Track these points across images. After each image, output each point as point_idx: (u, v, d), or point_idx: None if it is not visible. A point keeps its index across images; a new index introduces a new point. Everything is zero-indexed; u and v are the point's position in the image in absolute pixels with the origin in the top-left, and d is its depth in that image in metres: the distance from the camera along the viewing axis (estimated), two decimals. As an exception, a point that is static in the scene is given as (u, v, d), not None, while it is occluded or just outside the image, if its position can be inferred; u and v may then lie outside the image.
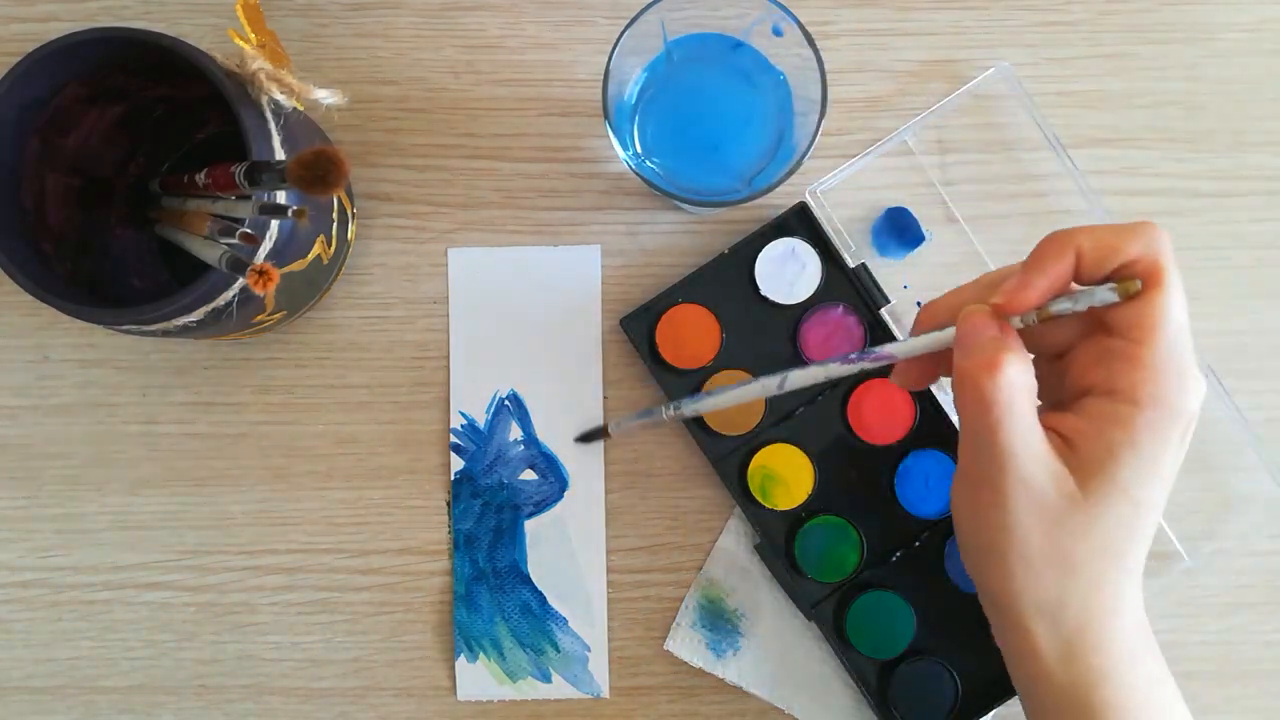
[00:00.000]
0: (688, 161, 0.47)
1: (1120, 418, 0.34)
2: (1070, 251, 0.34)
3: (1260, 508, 0.49)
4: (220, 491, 0.50)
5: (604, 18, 0.51)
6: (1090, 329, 0.36)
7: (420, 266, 0.51)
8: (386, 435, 0.50)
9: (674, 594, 0.50)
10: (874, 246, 0.50)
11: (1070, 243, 0.34)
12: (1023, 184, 0.50)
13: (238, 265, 0.36)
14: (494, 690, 0.50)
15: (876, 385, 0.49)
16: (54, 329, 0.51)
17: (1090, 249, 0.34)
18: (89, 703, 0.50)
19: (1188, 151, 0.50)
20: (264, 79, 0.38)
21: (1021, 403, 0.34)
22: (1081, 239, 0.34)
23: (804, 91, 0.45)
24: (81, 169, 0.45)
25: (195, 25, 0.50)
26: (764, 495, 0.48)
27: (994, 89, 0.50)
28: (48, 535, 0.50)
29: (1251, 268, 0.50)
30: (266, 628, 0.50)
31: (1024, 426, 0.34)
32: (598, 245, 0.50)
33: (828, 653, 0.49)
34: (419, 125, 0.51)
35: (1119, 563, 0.35)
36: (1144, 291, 0.34)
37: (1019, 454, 0.34)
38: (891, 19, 0.51)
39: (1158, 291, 0.33)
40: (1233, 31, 0.51)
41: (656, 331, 0.49)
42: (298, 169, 0.35)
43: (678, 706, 0.50)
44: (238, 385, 0.50)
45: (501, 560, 0.50)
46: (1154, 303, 0.33)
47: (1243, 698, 0.50)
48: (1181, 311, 0.34)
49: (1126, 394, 0.34)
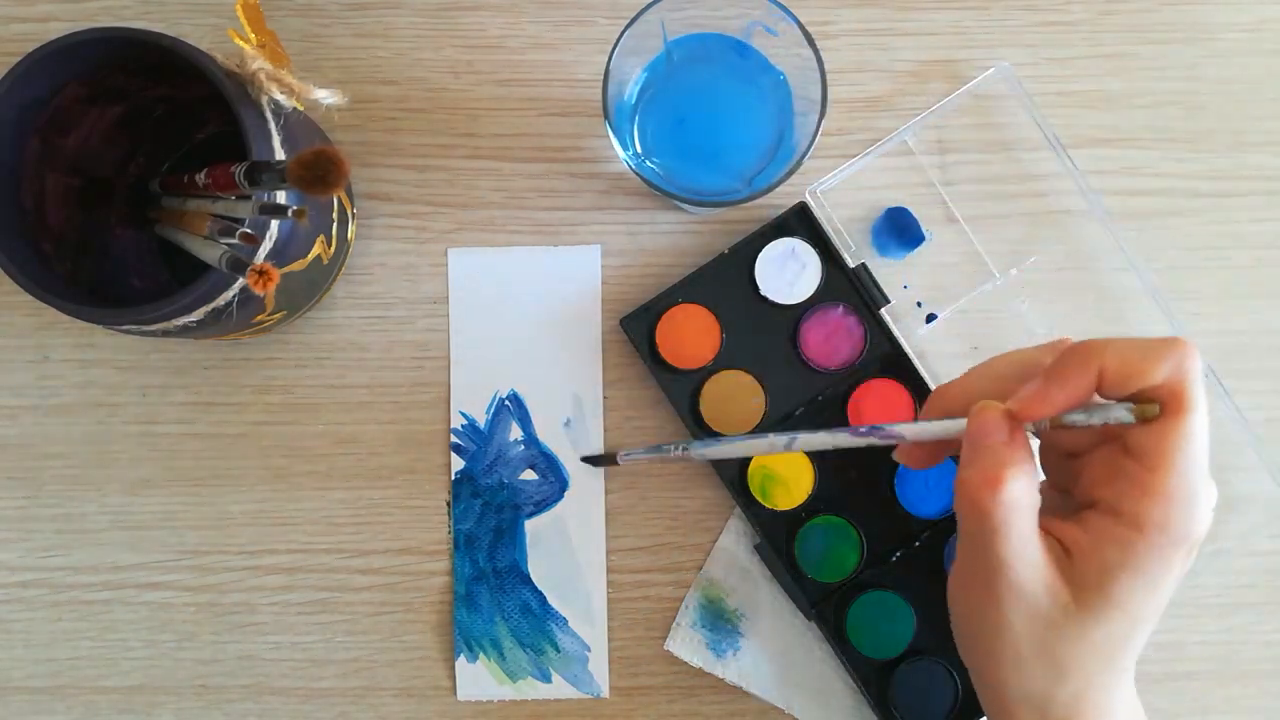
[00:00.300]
0: (688, 161, 0.47)
1: (1122, 540, 0.33)
2: (1094, 367, 0.33)
3: (1260, 508, 0.49)
4: (220, 491, 0.50)
5: (604, 18, 0.51)
6: (1105, 438, 0.35)
7: (420, 266, 0.51)
8: (386, 435, 0.50)
9: (674, 594, 0.50)
10: (874, 246, 0.50)
11: (1095, 358, 0.33)
12: (1023, 184, 0.50)
13: (238, 265, 0.36)
14: (494, 690, 0.50)
15: (876, 385, 0.49)
16: (54, 329, 0.51)
17: (1115, 367, 0.33)
18: (89, 703, 0.50)
19: (1188, 151, 0.50)
20: (264, 79, 0.38)
21: (1019, 519, 0.34)
22: (1108, 356, 0.33)
23: (804, 91, 0.45)
24: (81, 169, 0.45)
25: (195, 25, 0.50)
26: (764, 495, 0.48)
27: (994, 89, 0.50)
28: (48, 535, 0.50)
29: (1251, 268, 0.50)
30: (266, 628, 0.50)
31: (1020, 539, 0.34)
32: (598, 245, 0.50)
33: (828, 653, 0.49)
34: (419, 125, 0.51)
35: (1111, 665, 0.35)
36: (1163, 416, 0.33)
37: (1014, 564, 0.34)
38: (891, 19, 0.51)
39: (1178, 419, 0.33)
40: (1233, 31, 0.51)
41: (656, 331, 0.49)
42: (298, 169, 0.35)
43: (678, 706, 0.50)
44: (238, 385, 0.50)
45: (501, 560, 0.50)
46: (1172, 431, 0.33)
47: (1243, 698, 0.50)
48: (1202, 437, 0.33)
49: (1131, 518, 0.33)
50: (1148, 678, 0.49)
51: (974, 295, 0.50)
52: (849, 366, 0.49)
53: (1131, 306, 0.50)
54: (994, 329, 0.50)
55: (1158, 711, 0.50)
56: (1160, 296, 0.49)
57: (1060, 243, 0.50)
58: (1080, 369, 0.33)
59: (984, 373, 0.37)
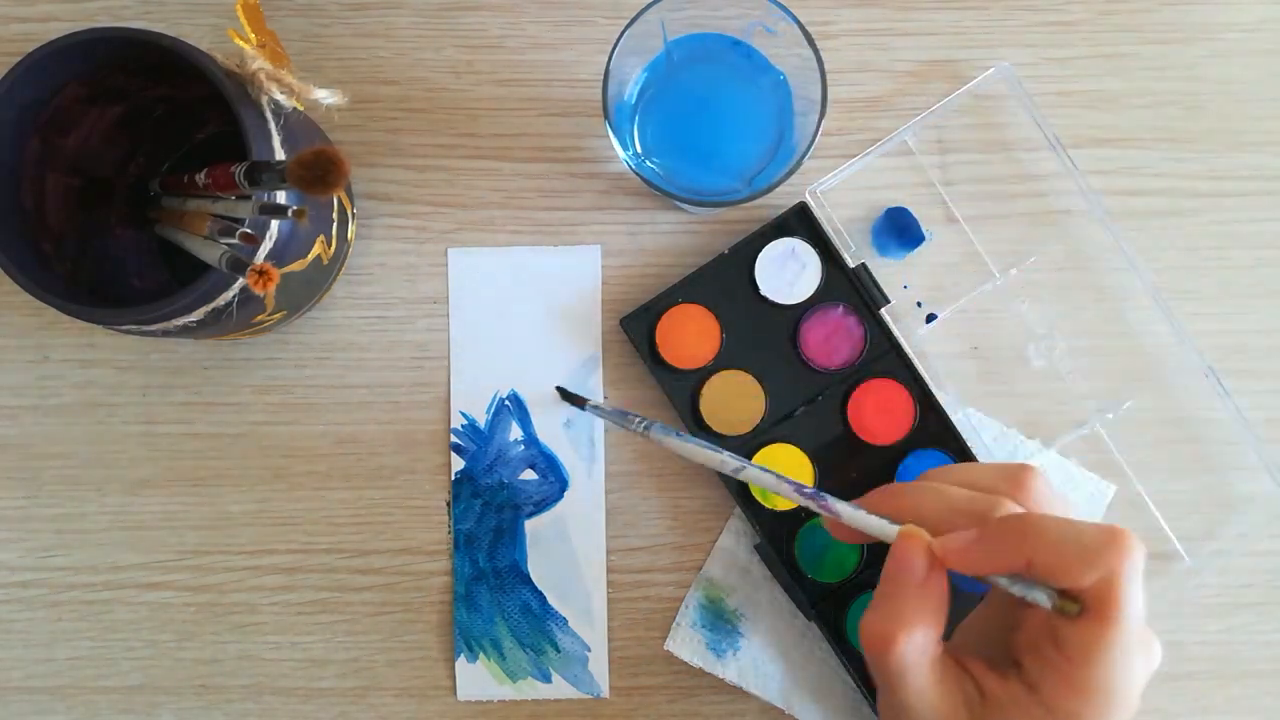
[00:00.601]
0: (688, 161, 0.47)
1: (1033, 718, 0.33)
2: (1024, 553, 0.33)
3: (1260, 508, 0.49)
4: (220, 491, 0.50)
5: (604, 18, 0.51)
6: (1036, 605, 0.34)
7: (420, 266, 0.51)
8: (386, 435, 0.50)
9: (674, 594, 0.50)
10: (874, 246, 0.50)
11: (1026, 543, 0.33)
12: (1023, 184, 0.50)
13: (238, 265, 0.36)
14: (494, 690, 0.50)
15: (876, 385, 0.49)
16: (54, 329, 0.51)
17: (1045, 561, 0.32)
18: (89, 703, 0.50)
19: (1188, 151, 0.50)
20: (264, 79, 0.38)
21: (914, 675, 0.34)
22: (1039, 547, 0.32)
23: (804, 91, 0.45)
24: (81, 169, 0.45)
25: (195, 25, 0.50)
26: (764, 495, 0.48)
27: (994, 89, 0.50)
28: (48, 535, 0.50)
29: (1251, 268, 0.50)
30: (266, 628, 0.50)
31: (917, 692, 0.34)
32: (598, 245, 0.50)
33: (828, 653, 0.49)
34: (419, 125, 0.51)
35: None
36: (1089, 618, 0.32)
37: (915, 706, 0.34)
38: (891, 19, 0.51)
39: (1106, 620, 0.32)
40: (1233, 31, 0.51)
41: (656, 331, 0.49)
42: (298, 169, 0.35)
43: (678, 706, 0.50)
44: (238, 385, 0.50)
45: (501, 560, 0.50)
46: (1099, 631, 0.32)
47: (1243, 698, 0.50)
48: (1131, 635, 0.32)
49: (1046, 700, 0.33)
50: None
51: (974, 295, 0.50)
52: (849, 366, 0.49)
53: (1131, 306, 0.50)
54: (994, 329, 0.50)
55: (1158, 711, 0.50)
56: (1160, 296, 0.49)
57: (1060, 243, 0.50)
58: (1012, 548, 0.33)
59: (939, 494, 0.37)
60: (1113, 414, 0.49)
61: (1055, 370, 0.50)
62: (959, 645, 0.37)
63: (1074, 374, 0.50)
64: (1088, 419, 0.49)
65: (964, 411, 0.49)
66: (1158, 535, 0.49)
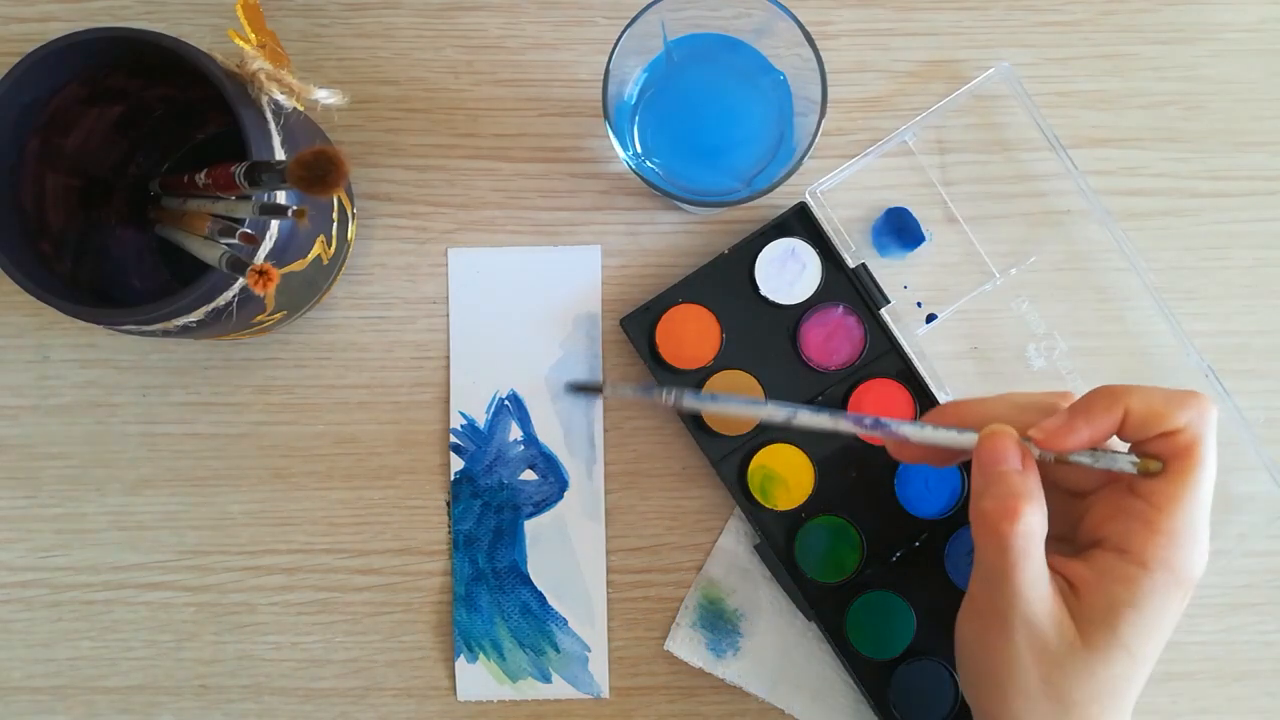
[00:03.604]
0: (688, 161, 0.47)
1: (1128, 578, 0.35)
2: (1120, 408, 0.35)
3: (1260, 508, 0.49)
4: (220, 491, 0.50)
5: (604, 18, 0.51)
6: (1111, 478, 0.37)
7: (420, 266, 0.51)
8: (386, 435, 0.50)
9: (674, 594, 0.50)
10: (874, 246, 0.50)
11: (1121, 400, 0.35)
12: (1023, 184, 0.50)
13: (238, 265, 0.36)
14: (494, 690, 0.50)
15: (876, 385, 0.49)
16: (54, 329, 0.51)
17: (1138, 410, 0.35)
18: (89, 703, 0.50)
19: (1188, 151, 0.50)
20: (264, 79, 0.38)
21: (1035, 549, 0.35)
22: (1132, 399, 0.35)
23: (804, 91, 0.45)
24: (81, 169, 0.45)
25: (195, 25, 0.50)
26: (764, 495, 0.48)
27: (994, 89, 0.50)
28: (48, 535, 0.50)
29: (1251, 268, 0.50)
30: (266, 628, 0.50)
31: (1035, 572, 0.35)
32: (598, 245, 0.50)
33: (828, 653, 0.49)
34: (419, 125, 0.51)
35: (1114, 704, 0.36)
36: (1176, 466, 0.35)
37: (1027, 595, 0.35)
38: (891, 19, 0.51)
39: (1189, 468, 0.34)
40: (1233, 31, 0.51)
41: (656, 331, 0.49)
42: (298, 169, 0.35)
43: (678, 706, 0.50)
44: (238, 385, 0.50)
45: (501, 560, 0.50)
46: (1184, 479, 0.34)
47: (1243, 698, 0.50)
48: (1209, 487, 0.35)
49: (1137, 556, 0.35)
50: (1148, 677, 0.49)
51: (974, 295, 0.50)
52: (849, 366, 0.49)
53: (1131, 306, 0.50)
54: (994, 329, 0.50)
55: (1158, 711, 0.50)
56: (1160, 296, 0.49)
57: (1060, 243, 0.50)
58: (1107, 408, 0.35)
59: (1001, 398, 0.38)
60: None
61: (1055, 370, 0.50)
62: None
63: (1074, 374, 0.50)
64: (1088, 419, 0.49)
65: (964, 411, 0.49)
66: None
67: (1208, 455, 0.35)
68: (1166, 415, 0.34)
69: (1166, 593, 0.35)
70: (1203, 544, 0.35)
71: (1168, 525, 0.34)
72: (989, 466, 0.36)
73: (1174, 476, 0.35)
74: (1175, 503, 0.34)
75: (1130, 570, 0.35)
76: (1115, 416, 0.35)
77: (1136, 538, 0.35)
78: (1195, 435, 0.34)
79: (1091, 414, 0.35)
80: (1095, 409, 0.35)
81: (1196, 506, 0.35)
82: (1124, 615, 0.35)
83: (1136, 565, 0.35)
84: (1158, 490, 0.35)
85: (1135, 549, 0.35)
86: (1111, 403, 0.35)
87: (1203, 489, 0.35)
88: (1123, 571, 0.35)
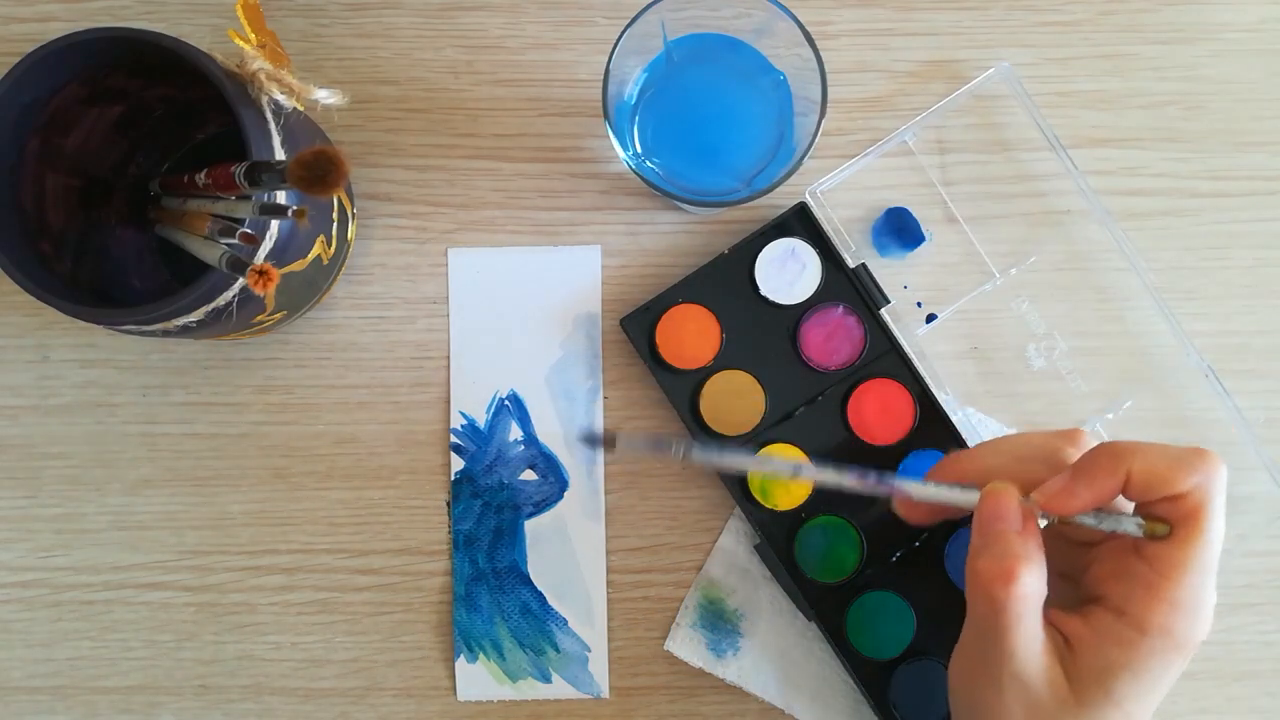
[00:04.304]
0: (688, 161, 0.47)
1: (1126, 641, 0.34)
2: (1122, 471, 0.34)
3: (1260, 508, 0.49)
4: (220, 491, 0.50)
5: (604, 18, 0.51)
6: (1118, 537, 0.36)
7: (420, 266, 0.51)
8: (386, 435, 0.50)
9: (674, 594, 0.50)
10: (874, 246, 0.50)
11: (1123, 462, 0.34)
12: (1023, 184, 0.50)
13: (238, 265, 0.36)
14: (494, 690, 0.50)
15: (876, 385, 0.49)
16: (54, 329, 0.51)
17: (1141, 472, 0.34)
18: (89, 703, 0.50)
19: (1188, 151, 0.50)
20: (264, 79, 0.38)
21: (1030, 613, 0.34)
22: (1135, 461, 0.34)
23: (804, 91, 0.45)
24: (81, 169, 0.45)
25: (195, 25, 0.50)
26: (764, 495, 0.48)
27: (994, 89, 0.50)
28: (48, 535, 0.50)
29: (1251, 268, 0.50)
30: (266, 628, 0.50)
31: (1029, 634, 0.34)
32: (598, 245, 0.50)
33: (828, 653, 0.49)
34: (419, 125, 0.51)
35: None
36: (1181, 531, 0.33)
37: (1021, 655, 0.34)
38: (891, 19, 0.51)
39: (1194, 534, 0.33)
40: (1233, 31, 0.51)
41: (656, 331, 0.49)
42: (298, 169, 0.35)
43: (678, 706, 0.50)
44: (238, 385, 0.50)
45: (501, 560, 0.50)
46: (1188, 545, 0.33)
47: (1243, 698, 0.50)
48: (1215, 551, 0.34)
49: (1136, 620, 0.34)
50: None
51: (974, 295, 0.50)
52: (849, 366, 0.49)
53: (1131, 306, 0.50)
54: (994, 329, 0.50)
55: (1158, 711, 0.49)
56: (1160, 296, 0.49)
57: (1060, 243, 0.50)
58: (1109, 471, 0.34)
59: (1000, 449, 0.38)
60: (1113, 414, 0.49)
61: (1055, 370, 0.50)
62: None
63: (1074, 374, 0.50)
64: (1087, 419, 0.49)
65: (964, 411, 0.49)
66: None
67: (1214, 520, 0.33)
68: (1171, 479, 0.33)
69: (1165, 658, 0.34)
70: (1206, 609, 0.34)
71: (1170, 592, 0.33)
72: (988, 525, 0.35)
73: (1179, 542, 0.34)
74: (1179, 569, 0.33)
75: (1129, 634, 0.34)
76: (1118, 480, 0.34)
77: (1137, 602, 0.34)
78: (1201, 500, 0.33)
79: (1093, 477, 0.34)
80: (1097, 471, 0.34)
81: (1201, 573, 0.34)
82: (1119, 677, 0.34)
83: (1135, 630, 0.34)
84: (1162, 555, 0.34)
85: (1135, 613, 0.34)
86: (1115, 464, 0.34)
87: (1208, 554, 0.34)
88: (1121, 634, 0.34)
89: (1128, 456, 0.34)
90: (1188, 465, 0.33)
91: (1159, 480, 0.33)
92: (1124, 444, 0.34)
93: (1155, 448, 0.34)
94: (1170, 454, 0.34)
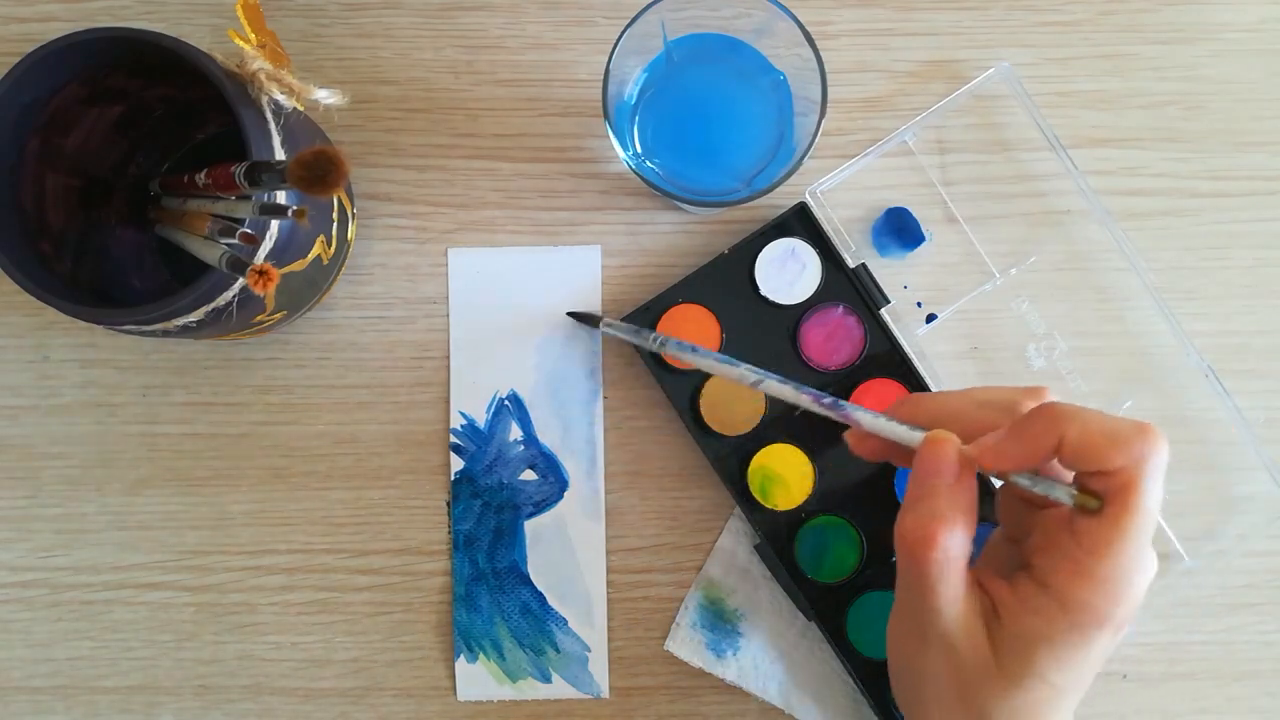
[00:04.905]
0: (688, 161, 0.47)
1: (1045, 613, 0.33)
2: (1054, 435, 0.33)
3: (1260, 508, 0.49)
4: (220, 491, 0.50)
5: (604, 18, 0.51)
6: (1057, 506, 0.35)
7: (420, 266, 0.51)
8: (386, 435, 0.50)
9: (674, 594, 0.50)
10: (874, 246, 0.50)
11: (1058, 426, 0.33)
12: (1023, 184, 0.50)
13: (238, 265, 0.36)
14: (494, 690, 0.50)
15: (876, 385, 0.49)
16: (54, 329, 0.51)
17: (1074, 442, 0.32)
18: (89, 703, 0.50)
19: (1188, 151, 0.50)
20: (264, 79, 0.38)
21: (952, 573, 0.34)
22: (1072, 428, 0.33)
23: (804, 91, 0.45)
24: (81, 169, 0.45)
25: (195, 25, 0.50)
26: (764, 495, 0.48)
27: (994, 89, 0.50)
28: (48, 535, 0.50)
29: (1251, 268, 0.50)
30: (266, 628, 0.50)
31: (952, 594, 0.34)
32: (598, 245, 0.50)
33: (828, 653, 0.49)
34: (419, 125, 0.51)
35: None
36: (1112, 507, 0.32)
37: (945, 613, 0.34)
38: (891, 19, 0.51)
39: (1122, 513, 0.32)
40: (1233, 31, 0.51)
41: (657, 331, 0.49)
42: (298, 169, 0.35)
43: (678, 706, 0.50)
44: (238, 385, 0.50)
45: (501, 560, 0.50)
46: (1116, 524, 0.32)
47: (1243, 698, 0.50)
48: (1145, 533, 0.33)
49: (1058, 594, 0.33)
50: (1148, 678, 0.50)
51: (974, 295, 0.50)
52: (849, 366, 0.49)
53: (1131, 306, 0.50)
54: (994, 329, 0.50)
55: (1158, 711, 0.50)
56: (1160, 296, 0.49)
57: (1060, 243, 0.50)
58: (1044, 432, 0.33)
59: (965, 394, 0.37)
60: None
61: (1055, 370, 0.50)
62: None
63: (1074, 374, 0.50)
64: (1088, 419, 0.49)
65: (964, 411, 0.49)
66: (1157, 536, 0.49)
67: (1145, 501, 0.32)
68: (1103, 454, 0.32)
69: (1085, 634, 0.33)
70: (1134, 588, 0.33)
71: (1094, 569, 0.32)
72: (923, 478, 0.35)
73: (1108, 519, 0.32)
74: (1105, 547, 0.32)
75: (1049, 607, 0.33)
76: (1050, 443, 0.33)
77: (1060, 575, 0.33)
78: (1133, 478, 0.32)
79: (1027, 437, 0.33)
80: (1032, 432, 0.33)
81: (1127, 554, 0.32)
82: (1039, 649, 0.33)
83: (1056, 603, 0.33)
84: (1089, 531, 0.33)
85: (1056, 586, 0.33)
86: (1049, 427, 0.33)
87: (1136, 535, 0.32)
88: (1042, 606, 0.33)
89: (1064, 422, 0.33)
90: (1123, 441, 0.32)
91: (1092, 452, 0.32)
92: (1065, 408, 0.33)
93: (1096, 418, 0.33)
94: (1108, 427, 0.32)
